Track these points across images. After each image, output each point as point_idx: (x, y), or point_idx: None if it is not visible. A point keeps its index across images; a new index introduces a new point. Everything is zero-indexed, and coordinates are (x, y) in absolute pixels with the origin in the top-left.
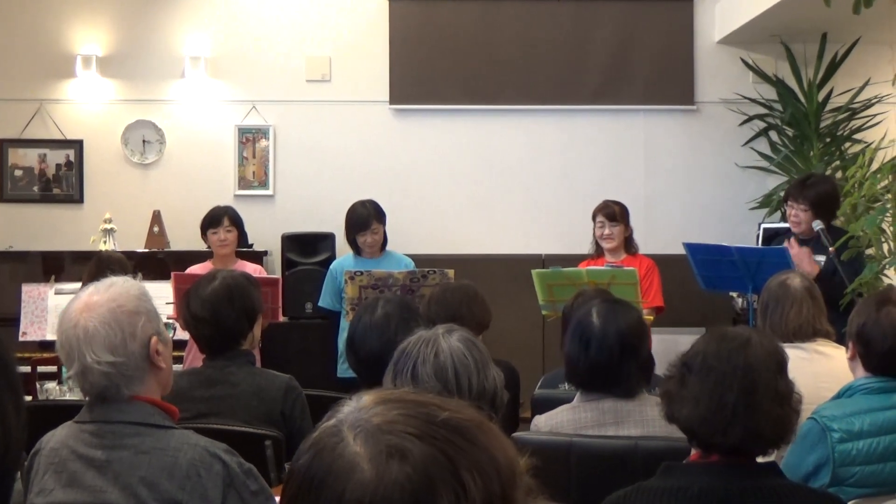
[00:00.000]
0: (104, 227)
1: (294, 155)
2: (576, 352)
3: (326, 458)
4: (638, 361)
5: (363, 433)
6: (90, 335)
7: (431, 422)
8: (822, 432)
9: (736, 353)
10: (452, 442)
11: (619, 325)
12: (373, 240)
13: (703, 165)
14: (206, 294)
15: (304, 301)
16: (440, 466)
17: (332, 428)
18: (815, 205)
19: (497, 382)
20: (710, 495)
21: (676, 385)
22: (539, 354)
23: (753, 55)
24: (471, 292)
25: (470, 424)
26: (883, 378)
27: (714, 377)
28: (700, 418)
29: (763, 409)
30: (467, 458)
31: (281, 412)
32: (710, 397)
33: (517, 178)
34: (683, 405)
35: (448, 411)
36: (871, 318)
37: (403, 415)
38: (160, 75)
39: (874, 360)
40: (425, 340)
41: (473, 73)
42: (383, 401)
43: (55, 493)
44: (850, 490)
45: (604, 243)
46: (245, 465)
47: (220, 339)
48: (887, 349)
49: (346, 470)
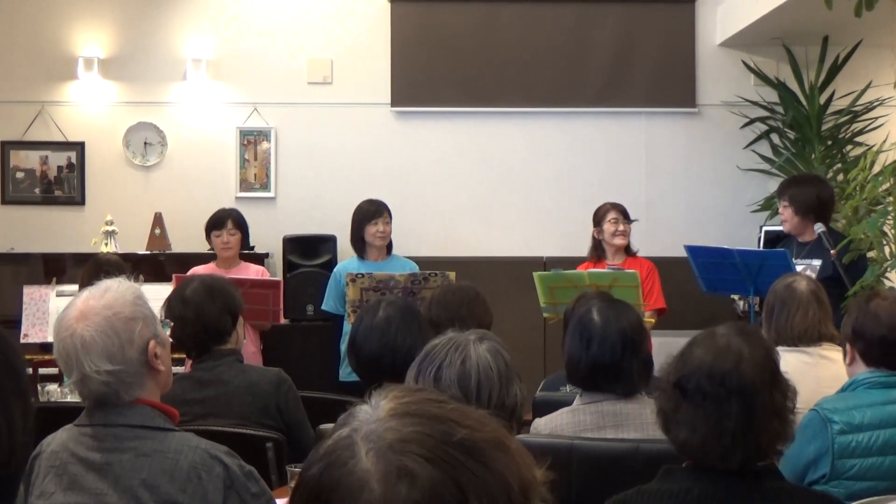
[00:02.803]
0: (105, 230)
1: (295, 157)
2: (577, 350)
3: (336, 473)
4: (639, 359)
5: (375, 450)
6: (87, 345)
7: (446, 442)
8: (823, 423)
9: (730, 377)
10: (465, 466)
11: (621, 322)
12: (384, 229)
13: (704, 168)
14: (187, 295)
15: (306, 303)
16: (449, 492)
17: (345, 440)
18: (795, 202)
19: (518, 399)
20: (710, 498)
21: (671, 406)
22: (540, 356)
23: (755, 58)
24: (472, 294)
25: (486, 446)
26: (885, 372)
27: (710, 405)
28: (699, 445)
29: (763, 430)
30: (477, 484)
31: (276, 405)
32: (707, 424)
33: (518, 180)
34: (680, 429)
35: (467, 429)
36: (863, 311)
37: (419, 433)
38: (162, 77)
39: (873, 350)
40: (455, 344)
41: (475, 75)
42: (400, 414)
43: (56, 496)
44: (849, 483)
45: (615, 240)
46: (246, 467)
47: (206, 337)
48: (882, 336)
49: (355, 488)
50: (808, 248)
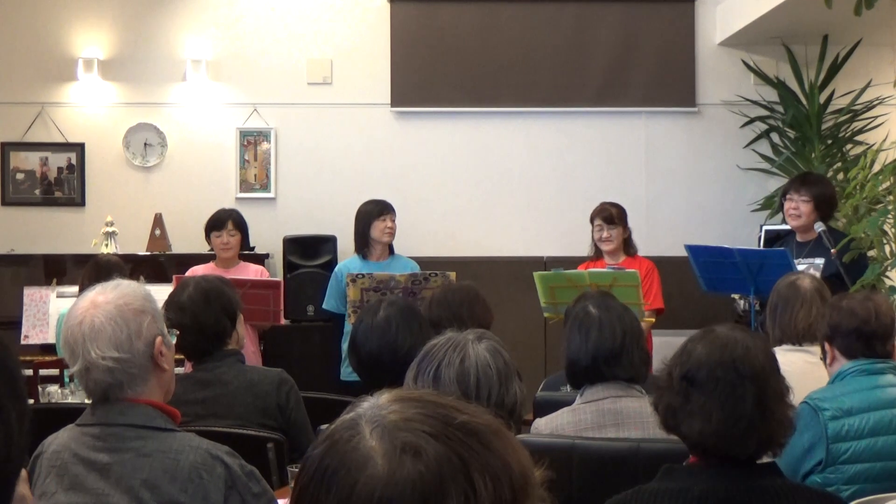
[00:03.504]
0: (106, 231)
1: (295, 157)
2: (578, 344)
3: (341, 450)
4: (639, 345)
5: (379, 428)
6: (96, 331)
7: (448, 423)
8: (814, 412)
9: (742, 361)
10: (467, 444)
11: (618, 310)
12: (392, 226)
13: (704, 167)
14: (183, 301)
15: (306, 304)
16: (452, 467)
17: (349, 421)
18: (817, 198)
19: (518, 397)
20: (710, 497)
21: (680, 399)
22: (541, 356)
23: (755, 57)
24: (472, 293)
25: (486, 429)
26: (869, 360)
27: (724, 389)
28: (714, 432)
29: (775, 414)
30: (480, 461)
31: (277, 405)
32: (723, 409)
33: (518, 180)
34: (693, 420)
35: (466, 415)
36: (836, 309)
37: (421, 414)
38: (161, 78)
39: (851, 343)
40: (454, 344)
41: (475, 75)
42: (402, 399)
43: (57, 496)
44: (844, 468)
45: (602, 246)
46: (247, 467)
47: (206, 342)
48: (857, 327)
49: (359, 463)
50: (810, 247)
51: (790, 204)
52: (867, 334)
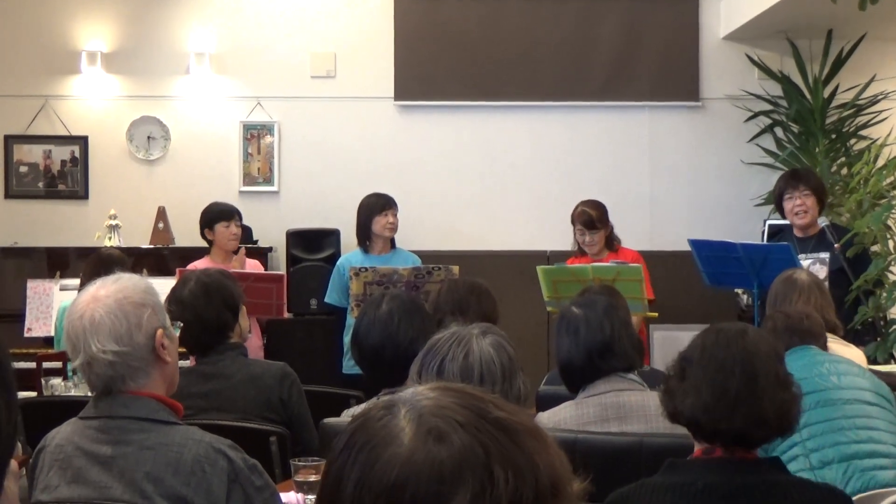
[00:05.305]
0: (109, 224)
1: (299, 151)
2: (568, 345)
3: (371, 427)
4: (629, 333)
5: (413, 411)
6: (96, 324)
7: (482, 416)
8: None
9: (734, 341)
10: (495, 438)
11: (602, 303)
12: (394, 221)
13: (708, 162)
14: (184, 297)
15: (309, 297)
16: (475, 457)
17: (387, 402)
18: (816, 190)
19: (522, 392)
20: (713, 491)
21: (677, 380)
22: (544, 350)
23: (759, 51)
24: (481, 287)
25: (521, 428)
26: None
27: (714, 365)
28: (703, 406)
29: (766, 394)
30: (505, 455)
31: (279, 399)
32: (712, 384)
33: (522, 174)
34: (686, 397)
35: (504, 412)
36: (771, 316)
37: (457, 403)
38: (165, 71)
39: (783, 337)
40: (458, 338)
41: (478, 69)
42: (444, 389)
43: (60, 489)
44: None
45: (586, 249)
46: (250, 460)
47: (209, 337)
48: (786, 323)
49: (385, 441)
50: (813, 242)
51: (793, 203)
52: (793, 326)
